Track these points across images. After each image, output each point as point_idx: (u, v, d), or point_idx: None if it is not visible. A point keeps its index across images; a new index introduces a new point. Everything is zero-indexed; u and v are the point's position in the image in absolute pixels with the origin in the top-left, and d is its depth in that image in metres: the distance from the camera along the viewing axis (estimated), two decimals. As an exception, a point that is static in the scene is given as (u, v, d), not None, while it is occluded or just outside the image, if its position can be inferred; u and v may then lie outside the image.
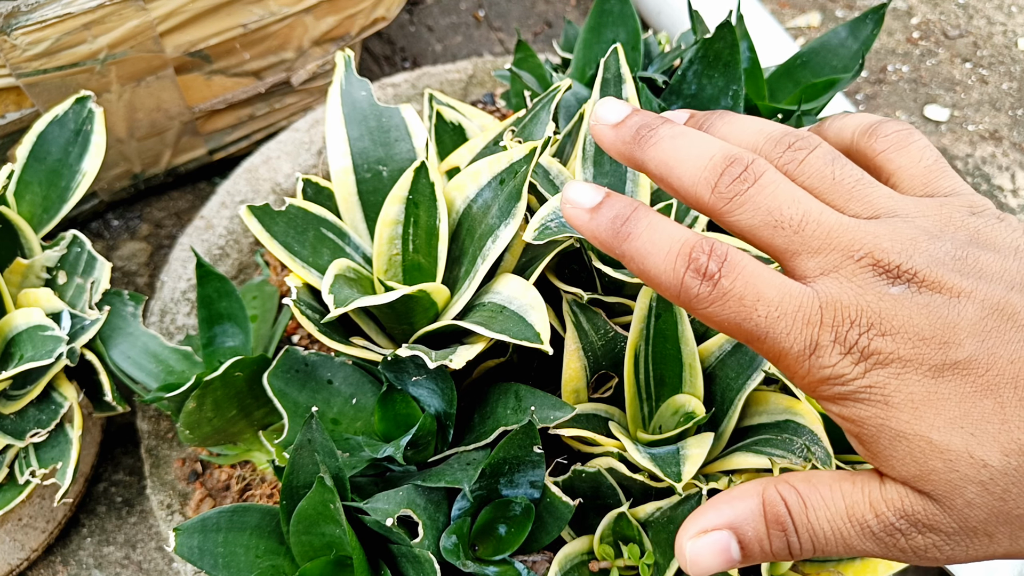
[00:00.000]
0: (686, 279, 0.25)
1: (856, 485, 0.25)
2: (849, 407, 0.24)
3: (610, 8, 0.51)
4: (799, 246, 0.25)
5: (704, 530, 0.26)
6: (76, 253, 0.49)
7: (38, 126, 0.51)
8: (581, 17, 0.93)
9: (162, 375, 0.49)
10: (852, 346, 0.24)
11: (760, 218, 0.25)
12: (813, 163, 0.27)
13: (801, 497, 0.25)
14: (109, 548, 0.60)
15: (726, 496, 0.26)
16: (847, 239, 0.25)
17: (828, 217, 0.25)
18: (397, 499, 0.37)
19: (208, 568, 0.39)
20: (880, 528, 0.24)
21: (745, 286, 0.25)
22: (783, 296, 0.24)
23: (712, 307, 0.25)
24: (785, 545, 0.25)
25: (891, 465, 0.24)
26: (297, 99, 0.73)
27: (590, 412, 0.41)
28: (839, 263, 0.25)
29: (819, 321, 0.24)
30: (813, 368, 0.24)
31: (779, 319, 0.24)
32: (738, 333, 0.25)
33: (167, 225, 0.75)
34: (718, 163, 0.26)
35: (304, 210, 0.43)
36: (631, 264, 0.26)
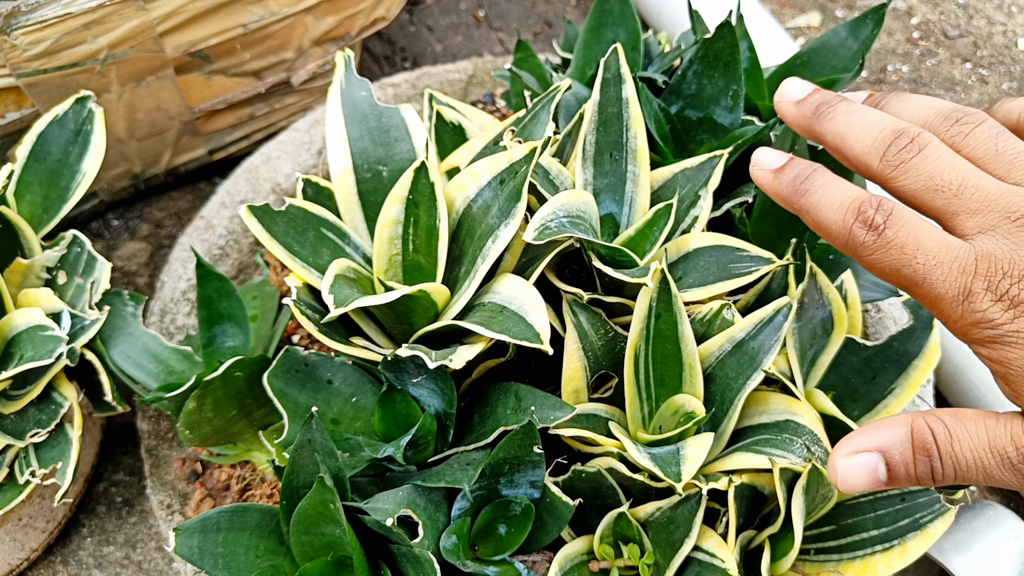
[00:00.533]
0: (854, 228, 0.28)
1: (999, 421, 0.27)
2: (998, 350, 0.27)
3: (610, 8, 0.51)
4: (958, 207, 0.28)
5: (855, 451, 0.29)
6: (76, 253, 0.49)
7: (38, 126, 0.51)
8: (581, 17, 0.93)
9: (162, 375, 0.49)
10: (1003, 294, 0.26)
11: (922, 183, 0.28)
12: (978, 135, 0.29)
13: (947, 428, 0.28)
14: (109, 548, 0.60)
15: (877, 424, 0.29)
16: (1004, 202, 0.27)
17: (987, 183, 0.28)
18: (397, 499, 0.37)
19: (208, 568, 0.39)
20: (1019, 459, 0.26)
21: (907, 236, 0.27)
22: (941, 247, 0.27)
23: (876, 254, 0.28)
24: (928, 470, 0.28)
25: None
26: (297, 99, 0.73)
27: (590, 412, 0.41)
28: (996, 222, 0.27)
29: (973, 271, 0.27)
30: (966, 312, 0.27)
31: (936, 267, 0.27)
32: (898, 279, 0.28)
33: (167, 225, 0.75)
34: (887, 135, 0.29)
35: (304, 210, 0.43)
36: (807, 216, 0.30)
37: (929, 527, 0.40)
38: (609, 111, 0.44)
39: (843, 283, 0.48)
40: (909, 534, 0.40)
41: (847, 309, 0.47)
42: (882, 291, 0.49)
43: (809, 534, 0.42)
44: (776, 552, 0.39)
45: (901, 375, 0.47)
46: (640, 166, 0.44)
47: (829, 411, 0.41)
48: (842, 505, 0.42)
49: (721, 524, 0.39)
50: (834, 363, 0.47)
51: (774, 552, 0.39)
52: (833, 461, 0.29)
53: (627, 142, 0.44)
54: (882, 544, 0.40)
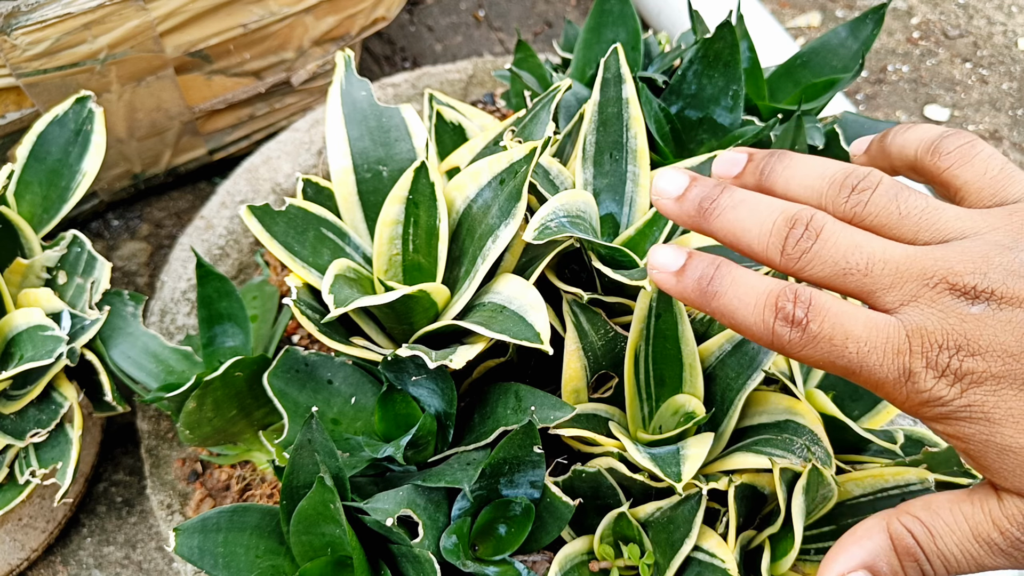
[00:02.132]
0: (776, 328, 0.26)
1: (975, 505, 0.26)
2: (953, 425, 0.25)
3: (610, 8, 0.51)
4: (872, 286, 0.26)
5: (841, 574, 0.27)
6: (76, 253, 0.49)
7: (38, 126, 0.51)
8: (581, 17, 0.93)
9: (162, 375, 0.49)
10: (944, 369, 0.25)
11: (829, 269, 0.27)
12: (878, 202, 0.28)
13: (925, 526, 0.27)
14: (109, 548, 0.60)
15: (853, 537, 0.28)
16: (917, 269, 0.26)
17: (893, 253, 0.26)
18: (397, 499, 0.37)
19: (208, 568, 0.39)
20: (1007, 544, 0.25)
21: (833, 327, 0.26)
22: (870, 330, 0.25)
23: (805, 350, 0.26)
24: (919, 574, 0.27)
25: (1003, 477, 0.25)
26: (297, 99, 0.73)
27: (590, 412, 0.41)
28: (916, 292, 0.25)
29: (908, 349, 0.25)
30: (911, 393, 0.25)
31: (870, 353, 0.25)
32: (834, 369, 0.26)
33: (167, 225, 0.75)
34: (780, 227, 0.27)
35: (304, 210, 0.43)
36: (722, 319, 0.28)
37: (929, 527, 0.40)
38: (609, 111, 0.44)
39: (843, 283, 0.48)
40: (909, 534, 0.40)
41: (847, 309, 0.47)
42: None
43: (809, 534, 0.42)
44: (776, 552, 0.39)
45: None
46: (640, 166, 0.44)
47: (829, 411, 0.41)
48: (842, 505, 0.42)
49: (721, 524, 0.39)
50: (834, 363, 0.47)
51: (774, 552, 0.39)
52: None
53: (627, 142, 0.44)
54: (882, 544, 0.40)
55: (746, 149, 0.31)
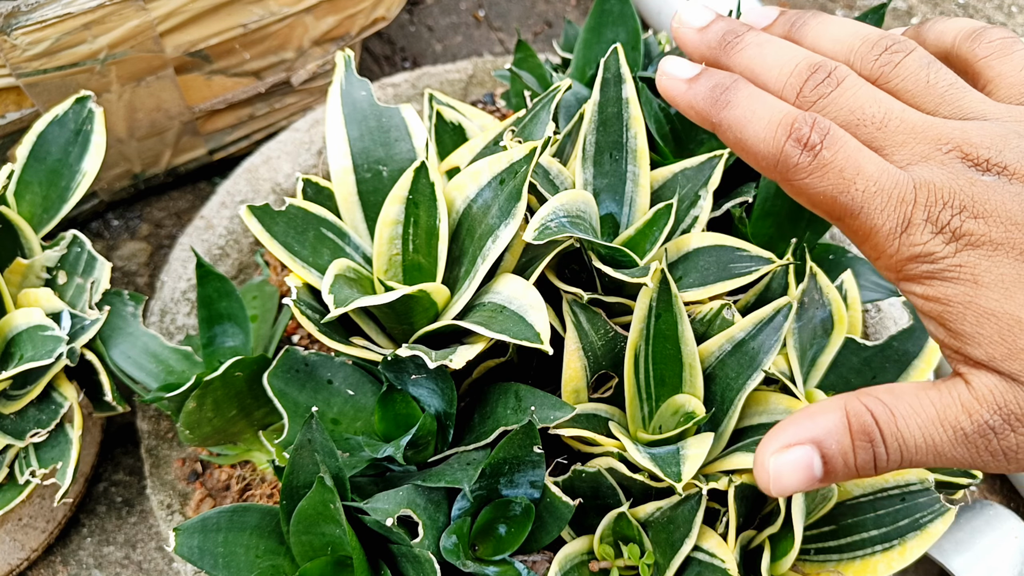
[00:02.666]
0: (786, 147, 0.25)
1: (942, 392, 0.25)
2: (935, 287, 0.24)
3: (610, 8, 0.51)
4: (883, 141, 0.26)
5: (786, 445, 0.25)
6: (76, 253, 0.49)
7: (38, 126, 0.51)
8: (581, 17, 0.93)
9: (162, 375, 0.49)
10: (944, 226, 0.24)
11: (844, 117, 0.26)
12: (908, 65, 0.27)
13: (887, 407, 0.25)
14: (109, 548, 0.60)
15: (806, 411, 0.26)
16: (933, 134, 0.25)
17: (912, 115, 0.26)
18: (397, 499, 0.37)
19: (208, 568, 0.39)
20: (974, 429, 0.24)
21: (846, 159, 0.25)
22: (882, 173, 0.25)
23: (810, 178, 0.25)
24: (871, 458, 0.25)
25: (976, 343, 0.24)
26: (297, 99, 0.73)
27: (590, 412, 0.41)
28: (928, 153, 0.25)
29: (913, 200, 0.24)
30: (903, 246, 0.25)
31: (876, 194, 0.25)
32: (832, 207, 0.25)
33: (167, 225, 0.75)
34: (803, 70, 0.27)
35: (304, 210, 0.43)
36: (727, 133, 0.27)
37: (929, 527, 0.40)
38: (609, 111, 0.44)
39: (843, 283, 0.48)
40: (909, 534, 0.40)
41: (847, 309, 0.47)
42: (882, 291, 0.49)
43: (809, 534, 0.42)
44: (776, 552, 0.39)
45: (901, 375, 0.47)
46: (640, 166, 0.44)
47: (829, 411, 0.41)
48: (842, 505, 0.42)
49: (721, 524, 0.39)
50: (834, 363, 0.47)
51: (774, 552, 0.39)
52: (762, 459, 0.26)
53: (627, 142, 0.44)
54: (882, 544, 0.40)
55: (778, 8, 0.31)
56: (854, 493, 0.42)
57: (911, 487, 0.41)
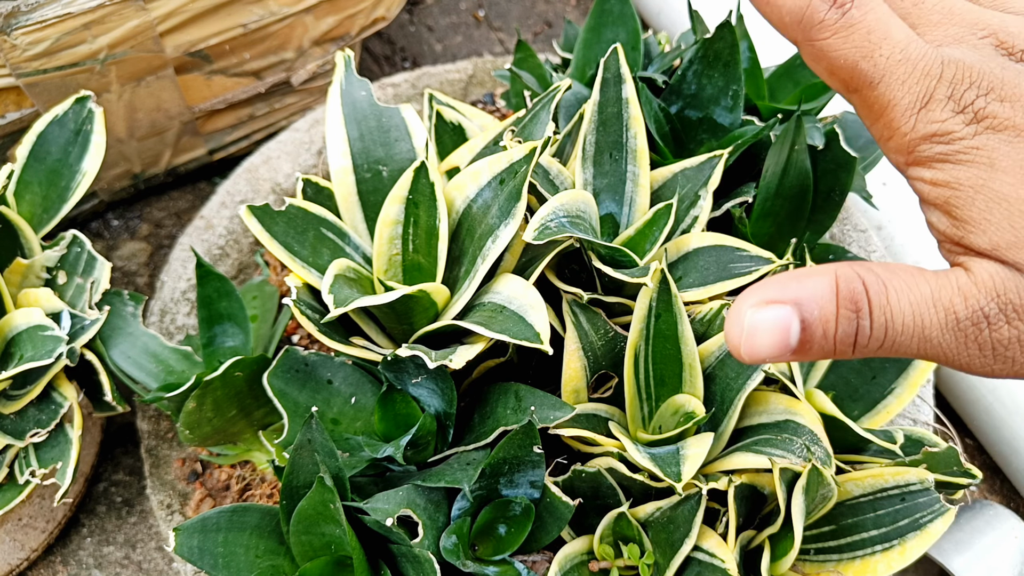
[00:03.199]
0: (815, 2, 0.24)
1: (940, 276, 0.24)
2: (946, 170, 0.23)
3: (610, 8, 0.51)
4: (917, 19, 0.25)
5: (766, 300, 0.24)
6: (76, 253, 0.49)
7: (38, 126, 0.51)
8: (581, 17, 0.93)
9: (162, 375, 0.49)
10: (967, 105, 0.23)
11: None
12: None
13: (881, 279, 0.23)
14: (109, 548, 0.60)
15: (795, 272, 0.24)
16: (971, 18, 0.25)
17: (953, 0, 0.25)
18: (397, 499, 0.37)
19: (208, 568, 0.39)
20: (967, 314, 0.23)
21: (876, 21, 0.24)
22: (910, 42, 0.24)
23: (835, 37, 0.24)
24: (853, 331, 0.23)
25: (983, 229, 0.23)
26: (297, 99, 0.73)
27: (590, 412, 0.41)
28: (962, 35, 0.24)
29: (939, 75, 0.23)
30: (920, 123, 0.23)
31: (900, 63, 0.23)
32: (851, 74, 0.24)
33: (167, 225, 0.75)
34: None
35: (304, 210, 0.43)
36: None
37: (929, 527, 0.40)
38: (609, 111, 0.44)
39: (843, 283, 0.48)
40: (909, 534, 0.40)
41: (847, 309, 0.47)
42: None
43: (809, 534, 0.42)
44: (776, 552, 0.39)
45: (901, 375, 0.47)
46: (640, 166, 0.44)
47: (829, 411, 0.41)
48: (842, 505, 0.42)
49: (721, 524, 0.39)
50: (834, 363, 0.47)
51: (774, 552, 0.39)
52: (738, 312, 0.24)
53: (627, 142, 0.44)
54: (882, 544, 0.40)
55: None
56: (854, 493, 0.42)
57: (911, 486, 0.41)
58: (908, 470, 0.41)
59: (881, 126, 0.24)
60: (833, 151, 0.46)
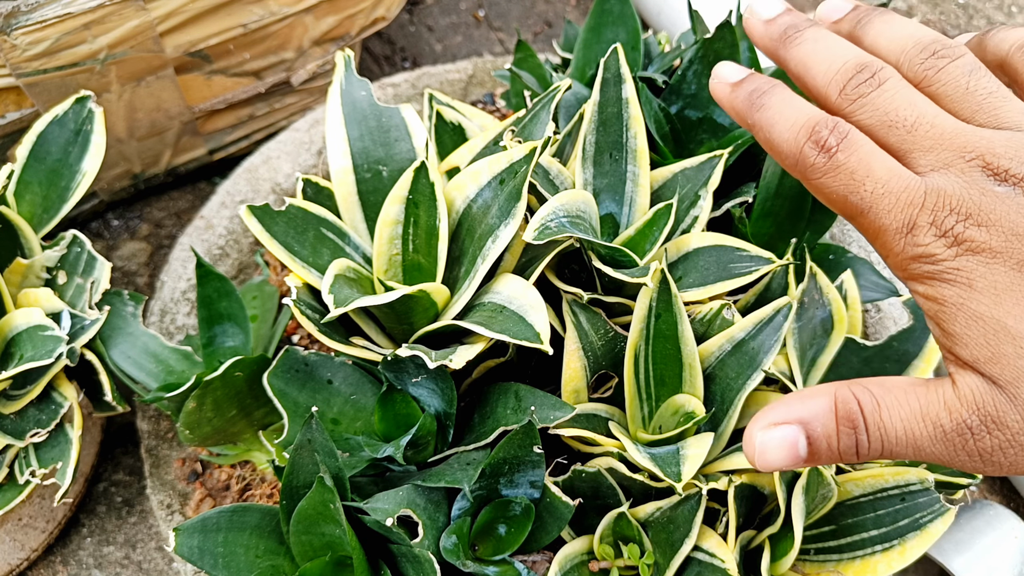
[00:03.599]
0: (805, 148, 0.27)
1: (930, 389, 0.26)
2: (935, 287, 0.26)
3: (610, 8, 0.51)
4: (911, 144, 0.27)
5: (774, 423, 0.27)
6: (76, 253, 0.49)
7: (38, 126, 0.51)
8: (581, 17, 0.93)
9: (162, 375, 0.49)
10: (948, 231, 0.25)
11: (878, 118, 0.28)
12: (951, 71, 0.28)
13: (875, 397, 0.26)
14: (109, 548, 0.60)
15: (798, 394, 0.27)
16: (960, 141, 0.26)
17: (943, 121, 0.27)
18: (397, 499, 0.37)
19: (208, 568, 0.39)
20: (953, 428, 0.25)
21: (858, 162, 0.27)
22: (891, 176, 0.26)
23: (824, 178, 0.27)
24: (853, 444, 0.26)
25: (964, 344, 0.25)
26: (297, 99, 0.73)
27: (590, 412, 0.41)
28: (950, 161, 0.26)
29: (921, 204, 0.26)
30: (908, 246, 0.26)
31: (884, 196, 0.26)
32: (844, 206, 0.27)
33: (167, 225, 0.75)
34: (849, 68, 0.28)
35: (304, 210, 0.43)
36: (760, 133, 0.29)
37: (929, 527, 0.40)
38: (609, 111, 0.44)
39: (843, 283, 0.48)
40: (909, 534, 0.40)
41: (847, 309, 0.47)
42: (882, 291, 0.49)
43: (809, 534, 0.42)
44: (776, 552, 0.39)
45: (901, 375, 0.47)
46: (640, 166, 0.44)
47: (829, 411, 0.41)
48: (842, 505, 0.42)
49: (721, 524, 0.39)
50: (834, 363, 0.47)
51: (774, 552, 0.39)
52: (750, 434, 0.27)
53: (627, 142, 0.44)
54: (882, 544, 0.40)
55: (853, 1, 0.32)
56: (854, 493, 0.42)
57: (911, 487, 0.41)
58: (908, 470, 0.41)
59: (879, 246, 0.27)
60: (833, 151, 0.46)
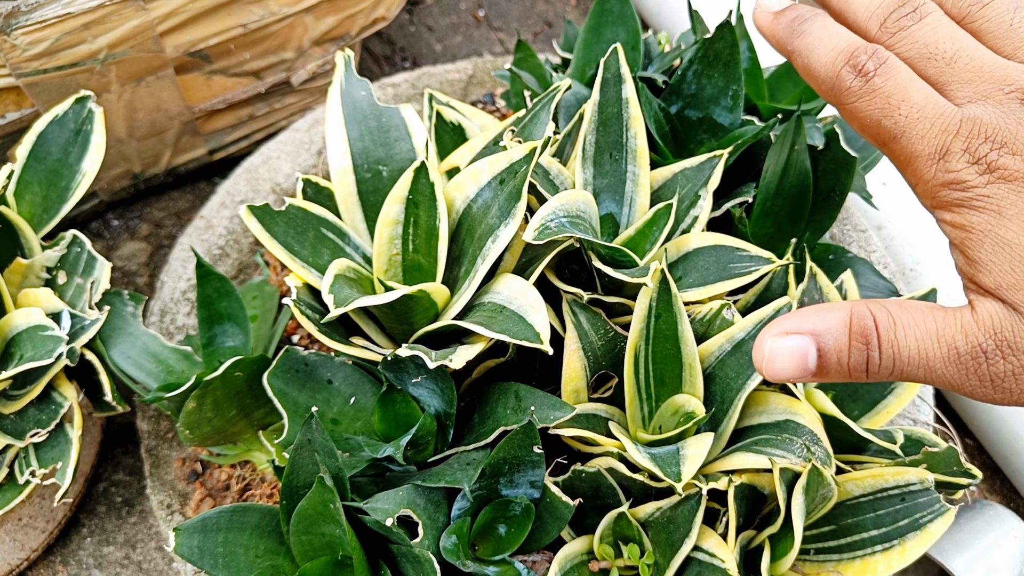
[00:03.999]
0: (843, 72, 0.28)
1: (948, 313, 0.26)
2: (963, 214, 0.26)
3: (610, 8, 0.51)
4: (949, 76, 0.27)
5: (786, 332, 0.27)
6: (76, 253, 0.49)
7: (38, 126, 0.51)
8: (581, 17, 0.93)
9: (162, 375, 0.49)
10: (981, 158, 0.25)
11: (917, 50, 0.28)
12: (995, 7, 0.28)
13: (891, 315, 0.27)
14: (109, 548, 0.60)
15: (815, 307, 0.28)
16: (1000, 74, 0.26)
17: (983, 55, 0.27)
18: (397, 499, 0.37)
19: (208, 568, 0.39)
20: (967, 349, 0.25)
21: (895, 86, 0.27)
22: (927, 102, 0.26)
23: (860, 101, 0.27)
24: (864, 360, 0.26)
25: (988, 270, 0.25)
26: (297, 99, 0.73)
27: (590, 412, 0.41)
28: (988, 92, 0.26)
29: (956, 131, 0.26)
30: (939, 172, 0.26)
31: (918, 120, 0.26)
32: (877, 131, 0.27)
33: (167, 225, 0.75)
34: (891, 3, 0.29)
35: (304, 210, 0.43)
36: (798, 59, 0.29)
37: (929, 527, 0.40)
38: (609, 111, 0.44)
39: (843, 283, 0.48)
40: (909, 534, 0.40)
41: (847, 309, 0.47)
42: (882, 291, 0.49)
43: (809, 534, 0.42)
44: (776, 552, 0.39)
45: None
46: (640, 166, 0.44)
47: (829, 411, 0.41)
48: (842, 505, 0.42)
49: (721, 524, 0.39)
50: (834, 363, 0.47)
51: (774, 552, 0.39)
52: (761, 340, 0.28)
53: (627, 142, 0.44)
54: (882, 544, 0.40)
55: None
56: (854, 493, 0.42)
57: (911, 486, 0.41)
58: (908, 470, 0.41)
59: (908, 174, 0.27)
60: (833, 151, 0.46)
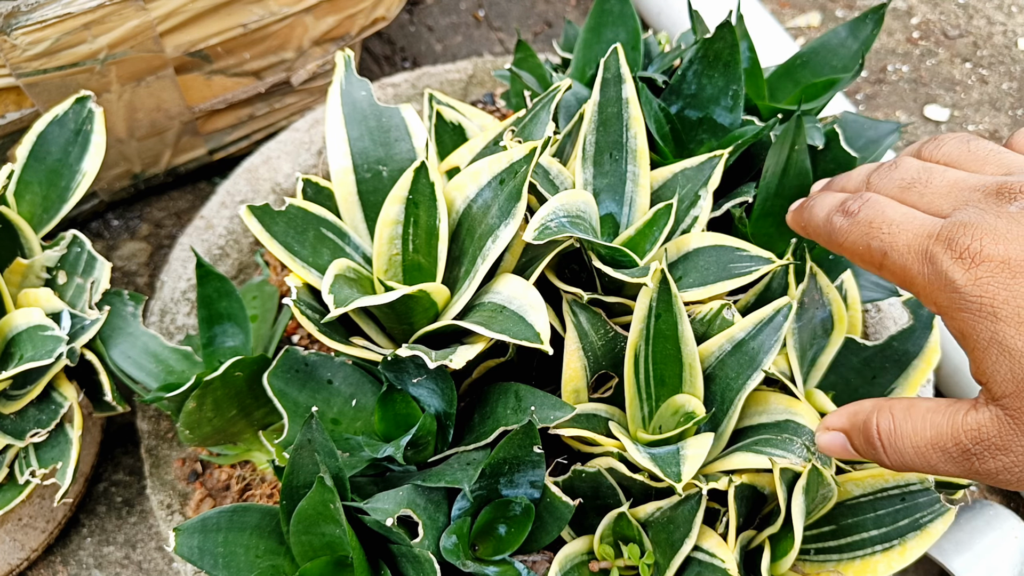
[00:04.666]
0: (834, 217, 0.32)
1: (946, 415, 0.28)
2: (962, 319, 0.27)
3: (610, 8, 0.51)
4: (930, 196, 0.30)
5: (829, 427, 0.32)
6: (76, 253, 0.49)
7: (38, 126, 0.51)
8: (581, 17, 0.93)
9: (162, 375, 0.49)
10: (964, 250, 0.26)
11: (896, 184, 0.31)
12: (950, 142, 0.32)
13: (894, 424, 0.29)
14: (109, 548, 0.60)
15: (851, 407, 0.32)
16: (974, 182, 0.29)
17: (955, 173, 0.30)
18: (397, 499, 0.37)
19: (208, 568, 0.39)
20: (958, 453, 0.27)
21: (876, 212, 0.30)
22: (907, 217, 0.29)
23: (847, 235, 0.31)
24: (878, 458, 0.30)
25: (996, 382, 0.26)
26: (297, 99, 0.73)
27: (590, 412, 0.41)
28: (969, 197, 0.28)
29: (937, 234, 0.27)
30: (930, 276, 0.27)
31: (900, 234, 0.28)
32: (869, 255, 0.30)
33: (167, 225, 0.75)
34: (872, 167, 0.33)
35: (304, 210, 0.43)
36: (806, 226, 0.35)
37: (929, 527, 0.40)
38: (609, 111, 0.44)
39: (843, 283, 0.48)
40: (909, 534, 0.40)
41: (847, 309, 0.47)
42: (882, 291, 0.49)
43: (809, 534, 0.42)
44: (776, 552, 0.39)
45: (901, 375, 0.47)
46: (640, 166, 0.44)
47: (829, 411, 0.41)
48: (842, 505, 0.42)
49: (721, 524, 0.39)
50: (834, 363, 0.47)
51: (774, 552, 0.39)
52: (818, 431, 0.33)
53: (627, 142, 0.44)
54: (882, 544, 0.40)
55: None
56: (854, 493, 0.42)
57: (911, 487, 0.41)
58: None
59: (908, 287, 0.29)
60: (833, 151, 0.46)
